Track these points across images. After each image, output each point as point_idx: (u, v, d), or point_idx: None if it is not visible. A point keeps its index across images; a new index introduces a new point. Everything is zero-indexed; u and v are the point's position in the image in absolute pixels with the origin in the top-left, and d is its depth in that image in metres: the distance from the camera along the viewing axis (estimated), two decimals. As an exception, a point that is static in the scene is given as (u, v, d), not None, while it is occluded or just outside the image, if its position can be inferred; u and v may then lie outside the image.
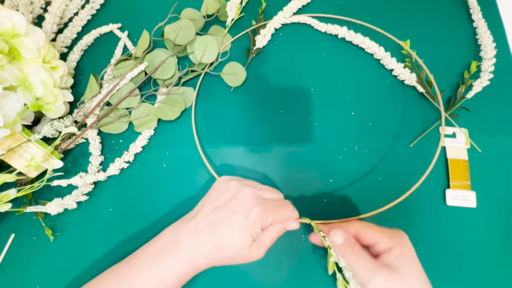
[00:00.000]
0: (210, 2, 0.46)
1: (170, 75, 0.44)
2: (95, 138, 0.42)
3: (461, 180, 0.40)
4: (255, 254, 0.31)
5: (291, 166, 0.42)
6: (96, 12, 0.50)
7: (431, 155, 0.42)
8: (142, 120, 0.43)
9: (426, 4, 0.50)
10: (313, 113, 0.45)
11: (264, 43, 0.47)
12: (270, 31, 0.48)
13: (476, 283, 0.37)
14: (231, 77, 0.45)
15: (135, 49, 0.46)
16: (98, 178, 0.40)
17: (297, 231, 0.39)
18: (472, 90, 0.43)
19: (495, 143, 0.42)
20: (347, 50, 0.48)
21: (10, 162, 0.37)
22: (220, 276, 0.38)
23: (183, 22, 0.44)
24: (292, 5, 0.48)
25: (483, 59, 0.45)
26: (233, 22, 0.49)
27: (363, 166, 0.42)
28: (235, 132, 0.44)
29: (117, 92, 0.43)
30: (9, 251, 0.39)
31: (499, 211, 0.40)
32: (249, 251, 0.30)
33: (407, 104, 0.45)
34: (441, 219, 0.39)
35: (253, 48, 0.47)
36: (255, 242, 0.31)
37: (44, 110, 0.38)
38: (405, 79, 0.45)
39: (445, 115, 0.43)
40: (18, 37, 0.35)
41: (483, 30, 0.46)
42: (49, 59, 0.39)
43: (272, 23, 0.48)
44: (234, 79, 0.45)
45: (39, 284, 0.38)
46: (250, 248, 0.30)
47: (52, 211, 0.39)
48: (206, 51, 0.44)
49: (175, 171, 0.42)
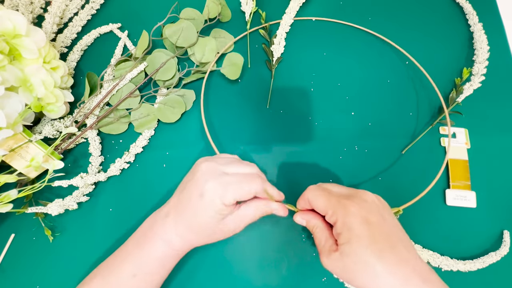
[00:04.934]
0: (212, 6, 0.46)
1: (171, 76, 0.44)
2: (95, 138, 0.42)
3: (461, 180, 0.41)
4: (229, 229, 0.30)
5: (291, 166, 0.42)
6: (96, 12, 0.50)
7: (431, 155, 0.42)
8: (142, 121, 0.43)
9: (425, 7, 0.50)
10: (313, 113, 0.45)
11: (281, 50, 0.47)
12: (283, 36, 0.47)
13: (476, 283, 0.37)
14: (231, 68, 0.44)
15: (135, 49, 0.46)
16: (98, 178, 0.40)
17: (297, 231, 0.39)
18: (462, 93, 0.43)
19: (495, 143, 0.42)
20: (347, 50, 0.48)
21: (10, 163, 0.37)
22: (220, 276, 0.38)
23: (183, 23, 0.44)
24: (293, 5, 0.48)
25: (475, 63, 0.45)
26: (251, 16, 0.48)
27: (363, 166, 0.42)
28: (235, 132, 0.44)
29: (117, 93, 0.43)
30: (9, 251, 0.39)
31: (499, 211, 0.40)
32: (221, 227, 0.30)
33: (407, 104, 0.45)
34: (441, 219, 0.40)
35: (273, 60, 0.47)
36: (230, 216, 0.30)
37: (45, 111, 0.38)
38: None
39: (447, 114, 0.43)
40: (19, 37, 0.35)
41: (478, 35, 0.46)
42: (50, 59, 0.39)
43: (282, 28, 0.47)
44: (234, 70, 0.44)
45: (39, 284, 0.38)
46: (219, 224, 0.29)
47: (52, 212, 0.39)
48: (206, 50, 0.44)
49: (175, 171, 0.42)
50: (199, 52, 0.44)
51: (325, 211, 0.28)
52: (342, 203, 0.28)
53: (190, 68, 0.45)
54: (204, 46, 0.44)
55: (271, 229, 0.39)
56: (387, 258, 0.25)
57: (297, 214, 0.32)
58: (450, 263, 0.37)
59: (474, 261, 0.37)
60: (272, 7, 0.50)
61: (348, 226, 0.26)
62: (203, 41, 0.45)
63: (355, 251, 0.25)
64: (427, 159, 0.42)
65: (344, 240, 0.26)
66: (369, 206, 0.28)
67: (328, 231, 0.29)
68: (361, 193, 0.29)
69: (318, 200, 0.29)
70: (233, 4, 0.50)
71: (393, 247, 0.26)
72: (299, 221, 0.32)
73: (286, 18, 0.48)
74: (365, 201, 0.28)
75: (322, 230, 0.30)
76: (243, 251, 0.39)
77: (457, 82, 0.44)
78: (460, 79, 0.44)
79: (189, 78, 0.45)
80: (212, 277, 0.38)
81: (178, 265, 0.37)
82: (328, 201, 0.28)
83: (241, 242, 0.39)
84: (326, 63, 0.47)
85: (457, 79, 0.44)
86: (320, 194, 0.29)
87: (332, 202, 0.28)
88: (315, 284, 0.37)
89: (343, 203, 0.28)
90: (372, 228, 0.26)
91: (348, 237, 0.26)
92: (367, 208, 0.27)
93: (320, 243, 0.29)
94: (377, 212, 0.27)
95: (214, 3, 0.46)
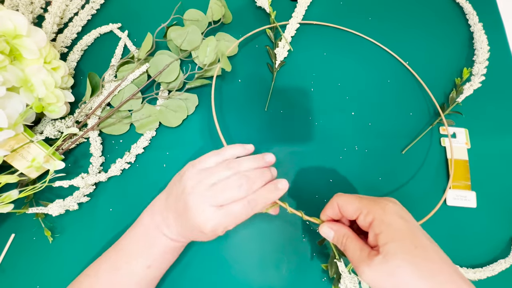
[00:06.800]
0: (215, 8, 0.46)
1: (174, 78, 0.44)
2: (96, 139, 0.42)
3: (461, 180, 0.41)
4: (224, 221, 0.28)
5: (291, 166, 0.42)
6: (96, 12, 0.50)
7: (431, 155, 0.42)
8: (144, 122, 0.43)
9: (426, 7, 0.50)
10: (313, 113, 0.45)
11: (285, 54, 0.46)
12: (288, 40, 0.47)
13: (475, 283, 0.37)
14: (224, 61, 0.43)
15: (138, 51, 0.46)
16: (99, 179, 0.40)
17: (297, 231, 0.39)
18: (462, 93, 0.43)
19: (495, 143, 0.43)
20: (347, 50, 0.48)
21: (12, 163, 0.37)
22: (220, 276, 0.38)
23: (189, 28, 0.44)
24: (300, 9, 0.48)
25: (475, 63, 0.45)
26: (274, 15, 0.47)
27: (363, 166, 0.42)
28: (235, 132, 0.44)
29: (119, 93, 0.43)
30: (9, 251, 0.39)
31: (499, 211, 0.40)
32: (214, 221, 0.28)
33: (407, 104, 0.45)
34: (441, 219, 0.40)
35: (275, 62, 0.46)
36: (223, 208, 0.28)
37: (46, 111, 0.38)
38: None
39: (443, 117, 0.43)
40: (20, 37, 0.35)
41: (478, 35, 0.46)
42: (50, 59, 0.39)
43: (288, 31, 0.47)
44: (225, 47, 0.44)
45: (39, 284, 0.38)
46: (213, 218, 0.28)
47: (53, 213, 0.39)
48: (207, 51, 0.44)
49: (175, 171, 0.42)
50: (203, 55, 0.44)
51: (359, 212, 0.27)
52: (377, 201, 0.27)
53: (193, 72, 0.45)
54: (206, 46, 0.44)
55: (271, 229, 0.39)
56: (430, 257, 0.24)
57: (323, 225, 0.30)
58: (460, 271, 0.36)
59: (484, 269, 0.37)
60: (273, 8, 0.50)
61: (387, 223, 0.25)
62: (205, 42, 0.44)
63: (401, 248, 0.24)
64: (427, 159, 0.42)
65: (387, 238, 0.24)
66: (399, 206, 0.28)
67: (360, 240, 0.27)
68: (388, 198, 0.29)
69: (350, 202, 0.28)
70: (233, 5, 0.50)
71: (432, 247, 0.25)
72: (325, 232, 0.30)
73: (293, 22, 0.48)
74: (394, 202, 0.28)
75: (354, 239, 0.28)
76: (243, 251, 0.39)
77: (457, 82, 0.44)
78: (460, 79, 0.44)
79: (193, 83, 0.45)
80: (212, 277, 0.38)
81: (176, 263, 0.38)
82: (361, 202, 0.28)
83: (241, 242, 0.39)
84: (326, 63, 0.47)
85: (457, 79, 0.44)
86: (350, 197, 0.29)
87: (364, 202, 0.28)
88: (315, 284, 0.37)
89: (378, 201, 0.27)
90: (409, 225, 0.25)
91: (390, 234, 0.24)
92: (399, 207, 0.27)
93: (355, 253, 0.26)
94: (407, 212, 0.27)
95: (217, 4, 0.46)
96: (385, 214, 0.26)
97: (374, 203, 0.27)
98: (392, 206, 0.26)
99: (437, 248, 0.25)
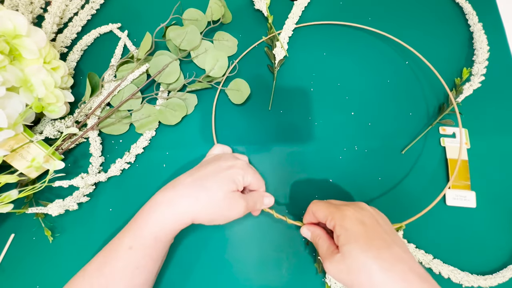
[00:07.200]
0: (215, 8, 0.46)
1: (174, 79, 0.44)
2: (96, 139, 0.42)
3: (461, 180, 0.41)
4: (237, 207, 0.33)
5: (291, 166, 0.42)
6: (96, 12, 0.50)
7: (431, 155, 0.42)
8: (143, 122, 0.43)
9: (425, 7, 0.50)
10: (313, 113, 0.45)
11: (283, 54, 0.47)
12: (285, 40, 0.47)
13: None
14: (234, 93, 0.44)
15: (137, 51, 0.46)
16: (99, 179, 0.40)
17: (297, 231, 0.39)
18: (462, 93, 0.43)
19: (495, 143, 0.43)
20: (347, 50, 0.48)
21: (11, 163, 0.37)
22: (220, 276, 0.38)
23: (189, 28, 0.44)
24: (297, 10, 0.48)
25: (475, 63, 0.45)
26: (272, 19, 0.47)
27: (363, 166, 0.42)
28: (235, 132, 0.44)
29: (118, 93, 0.43)
30: (9, 251, 0.39)
31: (499, 211, 0.40)
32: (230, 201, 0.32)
33: (407, 104, 0.45)
34: (441, 219, 0.40)
35: (275, 62, 0.46)
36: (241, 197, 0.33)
37: (46, 111, 0.38)
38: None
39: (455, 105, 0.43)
40: (20, 37, 0.35)
41: (478, 35, 0.46)
42: (50, 59, 0.39)
43: (284, 32, 0.47)
44: (238, 96, 0.44)
45: (39, 284, 0.38)
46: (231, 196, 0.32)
47: (53, 212, 0.39)
48: (216, 66, 0.44)
49: (175, 171, 0.42)
50: (209, 64, 0.44)
51: (326, 218, 0.31)
52: (340, 208, 0.31)
53: (196, 78, 0.44)
54: (216, 60, 0.44)
55: (271, 229, 0.39)
56: (384, 256, 0.27)
57: (302, 227, 0.36)
58: (471, 279, 0.36)
59: (494, 275, 0.37)
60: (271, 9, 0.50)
61: (345, 227, 0.29)
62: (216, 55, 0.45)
63: (354, 249, 0.27)
64: (427, 159, 0.42)
65: (344, 241, 0.28)
66: (364, 212, 0.31)
67: (330, 240, 0.32)
68: (358, 203, 0.32)
69: (320, 209, 0.33)
70: (233, 5, 0.50)
71: (389, 247, 0.28)
72: (304, 233, 0.36)
73: (289, 23, 0.48)
74: (361, 208, 0.31)
75: (324, 239, 0.32)
76: (243, 251, 0.39)
77: (457, 82, 0.44)
78: (460, 79, 0.44)
79: (193, 86, 0.45)
80: (212, 277, 0.38)
81: (176, 263, 0.38)
82: (328, 209, 0.32)
83: (241, 242, 0.39)
84: (326, 63, 0.47)
85: (457, 79, 0.44)
86: (321, 204, 0.33)
87: (331, 209, 0.32)
88: (315, 284, 0.37)
89: (341, 208, 0.31)
90: (367, 229, 0.29)
91: (346, 237, 0.28)
92: (361, 213, 0.30)
93: (323, 250, 0.31)
94: (371, 217, 0.30)
95: (217, 4, 0.46)
96: (344, 220, 0.29)
97: (337, 210, 0.31)
98: (352, 212, 0.30)
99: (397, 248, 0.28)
